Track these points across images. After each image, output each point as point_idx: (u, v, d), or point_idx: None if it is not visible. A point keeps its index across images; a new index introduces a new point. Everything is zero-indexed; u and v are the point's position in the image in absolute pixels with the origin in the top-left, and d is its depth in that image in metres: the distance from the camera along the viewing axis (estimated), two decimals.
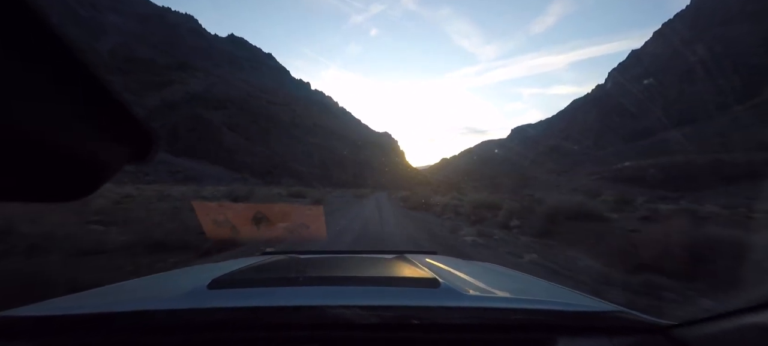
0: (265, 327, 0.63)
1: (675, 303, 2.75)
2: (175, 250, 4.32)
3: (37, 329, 0.64)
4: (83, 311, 0.68)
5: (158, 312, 0.66)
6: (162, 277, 1.20)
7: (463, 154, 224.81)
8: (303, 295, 0.75)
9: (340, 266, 1.23)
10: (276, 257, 1.41)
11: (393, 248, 1.99)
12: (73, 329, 0.64)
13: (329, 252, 1.75)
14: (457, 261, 1.53)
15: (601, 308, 0.73)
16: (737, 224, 6.05)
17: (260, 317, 0.65)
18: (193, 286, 0.80)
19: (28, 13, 0.21)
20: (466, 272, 1.11)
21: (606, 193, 18.46)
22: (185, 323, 0.64)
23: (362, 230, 7.14)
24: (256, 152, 58.92)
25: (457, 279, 0.94)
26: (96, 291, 0.91)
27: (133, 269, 3.49)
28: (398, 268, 1.10)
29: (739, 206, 12.19)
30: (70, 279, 2.61)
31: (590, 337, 0.65)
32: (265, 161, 57.46)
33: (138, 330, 0.64)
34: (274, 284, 0.83)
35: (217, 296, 0.73)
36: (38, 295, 0.83)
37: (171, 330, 0.63)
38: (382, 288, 0.79)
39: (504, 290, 0.89)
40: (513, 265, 3.61)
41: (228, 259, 1.74)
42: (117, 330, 0.64)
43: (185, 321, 0.64)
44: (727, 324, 0.55)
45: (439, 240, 6.21)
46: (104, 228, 5.35)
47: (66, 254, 3.55)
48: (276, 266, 1.19)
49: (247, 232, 2.31)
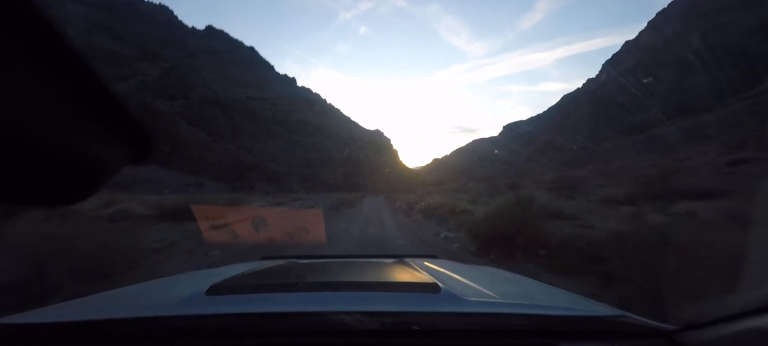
0: (265, 333, 0.63)
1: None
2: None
3: (34, 336, 0.64)
4: (81, 318, 0.68)
5: (157, 319, 0.65)
6: (160, 283, 1.19)
7: (454, 154, 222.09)
8: (303, 301, 0.75)
9: (340, 271, 1.21)
10: (275, 262, 1.40)
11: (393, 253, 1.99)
12: (70, 336, 0.63)
13: (329, 257, 1.78)
14: (457, 265, 1.53)
15: (602, 313, 0.73)
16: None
17: (260, 324, 0.64)
18: (192, 292, 0.79)
19: (26, 12, 0.21)
20: (466, 276, 1.08)
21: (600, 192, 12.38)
22: (184, 330, 0.64)
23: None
24: (223, 151, 50.86)
25: (457, 284, 0.94)
26: (94, 297, 0.90)
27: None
28: (398, 273, 1.10)
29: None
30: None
31: (592, 342, 0.64)
32: (235, 162, 49.70)
33: (136, 337, 0.63)
34: (273, 289, 0.83)
35: (216, 303, 0.72)
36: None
37: (169, 337, 0.63)
38: (382, 293, 0.79)
39: (505, 295, 0.89)
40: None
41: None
42: (115, 337, 0.64)
43: (184, 328, 0.64)
44: (729, 328, 0.55)
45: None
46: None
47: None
48: (275, 272, 1.18)
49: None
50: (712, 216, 4.19)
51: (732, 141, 27.52)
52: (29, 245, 2.76)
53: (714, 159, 18.76)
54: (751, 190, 0.80)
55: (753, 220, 0.63)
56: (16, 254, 2.68)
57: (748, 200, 4.03)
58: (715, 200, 6.15)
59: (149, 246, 5.19)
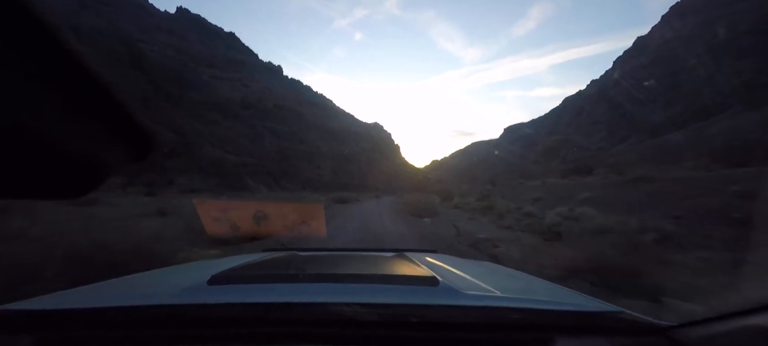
0: (265, 323, 0.63)
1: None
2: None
3: (36, 323, 0.64)
4: (84, 306, 0.68)
5: (158, 307, 0.66)
6: (162, 273, 1.19)
7: (454, 156, 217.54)
8: (303, 292, 0.75)
9: (341, 264, 1.23)
10: (276, 254, 1.41)
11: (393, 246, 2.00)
12: (73, 324, 0.64)
13: (330, 250, 1.83)
14: (456, 260, 1.52)
15: (600, 309, 0.73)
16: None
17: (260, 313, 0.64)
18: (193, 282, 0.80)
19: (24, 12, 0.21)
20: (465, 270, 1.09)
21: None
22: (185, 319, 0.64)
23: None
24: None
25: (456, 278, 0.95)
26: (96, 286, 0.92)
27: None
28: (398, 266, 1.10)
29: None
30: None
31: (589, 337, 0.65)
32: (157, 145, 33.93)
33: (138, 325, 0.64)
34: (274, 280, 0.83)
35: (217, 292, 0.73)
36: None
37: (171, 325, 0.63)
38: (381, 286, 0.79)
39: (503, 289, 0.88)
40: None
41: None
42: (116, 325, 0.64)
43: (185, 316, 0.64)
44: (727, 326, 0.56)
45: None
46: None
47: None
48: (276, 263, 1.19)
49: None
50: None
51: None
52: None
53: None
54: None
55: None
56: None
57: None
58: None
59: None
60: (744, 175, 9.34)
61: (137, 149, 0.35)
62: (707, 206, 7.16)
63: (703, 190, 8.68)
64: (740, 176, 9.33)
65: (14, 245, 3.95)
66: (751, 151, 20.94)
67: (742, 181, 8.19)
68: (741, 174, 9.76)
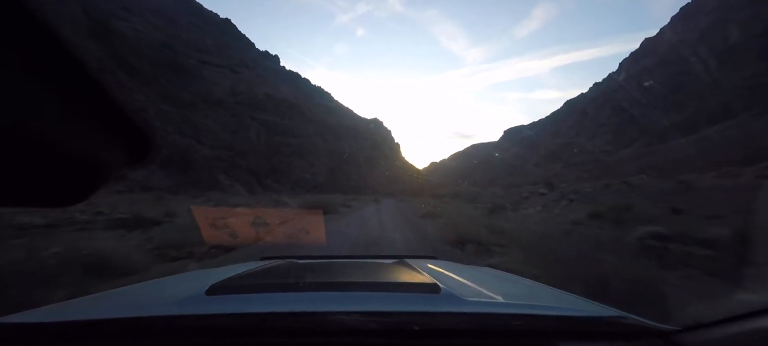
0: (264, 333, 0.62)
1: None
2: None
3: (32, 336, 0.63)
4: (80, 318, 0.67)
5: (156, 318, 0.65)
6: (159, 283, 1.19)
7: (453, 158, 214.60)
8: (302, 301, 0.74)
9: (340, 272, 1.21)
10: (274, 263, 1.40)
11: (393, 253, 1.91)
12: (68, 336, 0.63)
13: (328, 257, 1.78)
14: (457, 266, 1.51)
15: (603, 314, 0.72)
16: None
17: (259, 324, 0.63)
18: (191, 292, 0.79)
19: (23, 12, 0.21)
20: (466, 277, 1.09)
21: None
22: (183, 330, 0.63)
23: None
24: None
25: (457, 284, 0.95)
26: (92, 297, 0.92)
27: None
28: (398, 273, 1.09)
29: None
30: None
31: (592, 342, 0.64)
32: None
33: (135, 336, 0.63)
34: (272, 289, 0.82)
35: (215, 302, 0.72)
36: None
37: (169, 336, 0.62)
38: (382, 294, 0.78)
39: (505, 296, 0.88)
40: None
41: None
42: (114, 337, 0.63)
43: (183, 328, 0.63)
44: (730, 329, 0.55)
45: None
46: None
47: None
48: (274, 272, 1.18)
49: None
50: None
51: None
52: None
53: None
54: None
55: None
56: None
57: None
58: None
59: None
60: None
61: (136, 151, 0.34)
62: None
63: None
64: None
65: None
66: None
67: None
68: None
